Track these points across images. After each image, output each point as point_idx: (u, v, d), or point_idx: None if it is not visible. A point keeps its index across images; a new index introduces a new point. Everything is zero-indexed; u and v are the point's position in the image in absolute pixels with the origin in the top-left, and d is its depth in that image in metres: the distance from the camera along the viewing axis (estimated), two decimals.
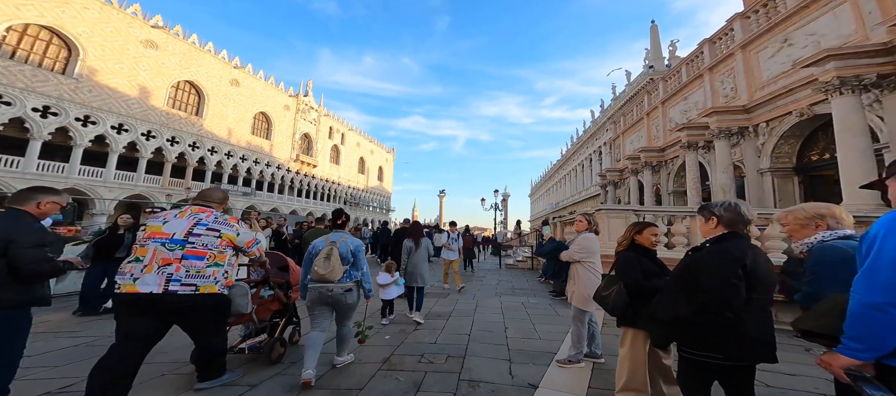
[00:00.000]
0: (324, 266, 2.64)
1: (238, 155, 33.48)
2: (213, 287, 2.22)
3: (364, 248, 3.14)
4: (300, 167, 40.60)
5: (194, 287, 2.14)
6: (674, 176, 9.45)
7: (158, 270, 2.09)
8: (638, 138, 11.95)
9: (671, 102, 9.41)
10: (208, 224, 2.30)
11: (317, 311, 2.77)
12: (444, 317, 4.54)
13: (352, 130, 51.52)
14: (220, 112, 32.05)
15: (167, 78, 27.86)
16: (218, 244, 2.28)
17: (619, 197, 14.03)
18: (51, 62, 21.97)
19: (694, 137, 7.74)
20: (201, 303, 2.19)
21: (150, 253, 2.13)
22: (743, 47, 7.26)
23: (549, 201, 48.28)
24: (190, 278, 2.15)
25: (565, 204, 36.61)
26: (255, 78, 35.67)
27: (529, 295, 6.37)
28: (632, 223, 2.19)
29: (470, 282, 7.86)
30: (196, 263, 2.18)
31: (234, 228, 2.39)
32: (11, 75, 19.85)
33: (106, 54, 24.04)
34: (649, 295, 1.69)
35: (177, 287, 2.10)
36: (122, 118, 24.78)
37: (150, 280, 2.07)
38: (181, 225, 2.25)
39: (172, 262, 2.13)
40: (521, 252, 16.40)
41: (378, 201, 58.40)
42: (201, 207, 2.41)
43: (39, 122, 20.70)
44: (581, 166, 33.58)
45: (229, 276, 2.37)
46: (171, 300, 2.09)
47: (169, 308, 2.12)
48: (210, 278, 2.21)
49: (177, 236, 2.20)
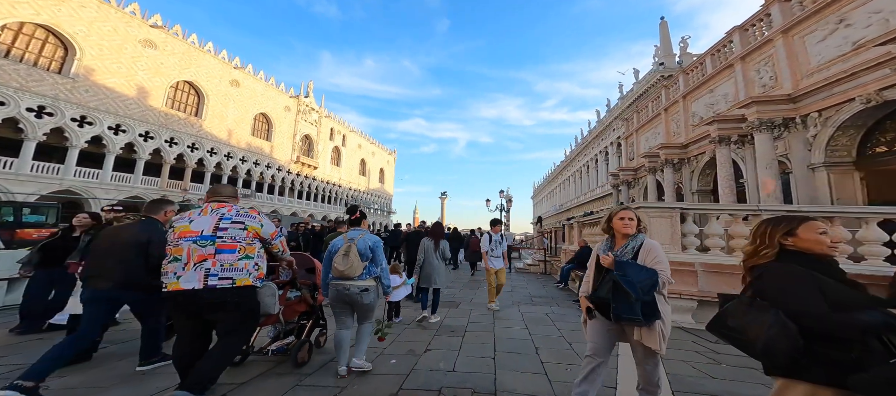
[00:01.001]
0: (343, 263, 2.67)
1: (238, 156, 33.01)
2: (248, 280, 2.24)
3: (382, 245, 3.02)
4: (301, 169, 40.12)
5: (231, 281, 2.17)
6: (698, 174, 8.80)
7: (196, 266, 2.13)
8: (654, 136, 11.30)
9: (694, 95, 8.77)
10: (231, 217, 2.30)
11: (338, 309, 2.82)
12: (458, 333, 3.88)
13: (353, 131, 51.08)
14: (220, 113, 31.62)
15: (166, 78, 27.46)
16: (245, 236, 2.29)
17: (632, 197, 13.36)
18: (47, 61, 21.56)
19: (726, 130, 7.08)
20: (240, 298, 2.21)
21: (185, 251, 2.17)
22: (784, 32, 6.61)
23: (552, 203, 47.61)
24: (225, 271, 2.18)
25: (570, 205, 35.94)
26: (255, 78, 35.27)
27: (551, 304, 5.75)
28: (768, 220, 1.46)
29: (479, 289, 7.23)
30: (228, 257, 2.20)
31: (256, 219, 2.39)
32: (5, 75, 19.42)
33: (103, 54, 23.63)
34: (845, 337, 1.04)
35: (215, 282, 2.14)
36: (119, 119, 24.33)
37: (191, 277, 2.12)
38: (207, 222, 2.26)
39: (207, 257, 2.16)
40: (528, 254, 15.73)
41: (379, 202, 57.85)
42: (220, 202, 2.41)
43: (34, 122, 20.25)
44: (586, 166, 32.94)
45: (260, 268, 2.37)
46: (211, 294, 2.12)
47: (210, 304, 2.15)
48: (243, 270, 2.23)
49: (205, 232, 2.22)
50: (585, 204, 30.05)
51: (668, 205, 4.70)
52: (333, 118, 46.55)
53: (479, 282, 8.31)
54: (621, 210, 2.17)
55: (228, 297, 2.17)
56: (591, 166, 31.11)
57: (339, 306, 2.80)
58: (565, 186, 40.79)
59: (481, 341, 3.65)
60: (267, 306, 2.52)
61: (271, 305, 2.57)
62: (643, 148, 11.86)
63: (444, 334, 3.84)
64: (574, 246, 8.74)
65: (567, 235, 10.39)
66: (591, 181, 31.11)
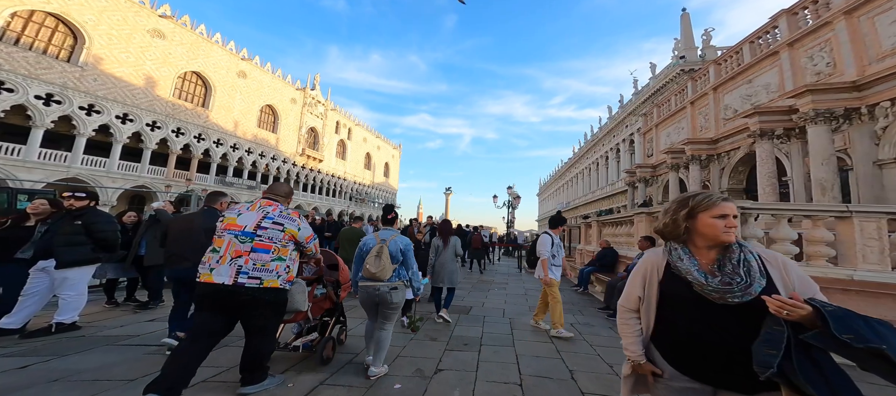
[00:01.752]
0: (375, 265, 2.64)
1: (244, 148, 32.91)
2: (276, 282, 2.25)
3: (413, 247, 3.03)
4: (306, 162, 39.96)
5: (259, 281, 2.18)
6: (729, 171, 8.14)
7: (230, 261, 2.15)
8: (676, 130, 10.61)
9: (727, 87, 8.06)
10: (274, 218, 2.32)
11: (368, 310, 2.83)
12: (472, 346, 3.40)
13: (359, 125, 50.75)
14: (227, 104, 31.48)
15: (174, 68, 27.35)
16: (281, 238, 2.30)
17: (649, 195, 12.70)
18: (56, 50, 21.51)
19: (769, 123, 6.41)
20: (265, 298, 2.22)
21: (225, 244, 2.20)
22: (847, 13, 5.90)
23: (558, 200, 46.88)
24: (256, 271, 2.18)
25: (578, 203, 35.24)
26: (262, 70, 35.05)
27: (573, 312, 5.21)
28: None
29: (491, 290, 6.76)
30: (262, 256, 2.21)
31: (296, 222, 2.40)
32: (14, 62, 19.38)
33: (112, 43, 23.54)
34: None
35: (245, 280, 2.14)
36: (126, 108, 24.29)
37: (224, 271, 2.13)
38: (252, 218, 2.29)
39: (242, 254, 2.18)
40: None
41: (384, 197, 57.62)
42: (269, 200, 2.43)
43: (42, 109, 20.23)
44: (596, 163, 32.17)
45: (291, 271, 2.38)
46: (239, 291, 2.13)
47: (237, 301, 2.17)
48: (273, 272, 2.24)
49: (248, 228, 2.24)
50: (594, 202, 29.34)
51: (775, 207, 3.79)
52: (339, 112, 46.24)
53: (488, 283, 7.92)
54: (720, 203, 1.25)
55: (255, 296, 2.18)
56: (601, 163, 30.35)
57: (369, 307, 2.81)
58: (573, 183, 40.03)
59: (501, 358, 3.18)
60: (297, 303, 2.52)
61: (301, 302, 2.56)
62: (664, 144, 11.18)
63: (457, 347, 3.37)
64: (592, 246, 8.21)
65: (583, 234, 9.84)
66: (600, 179, 30.37)
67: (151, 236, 4.01)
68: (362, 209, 48.40)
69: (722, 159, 8.34)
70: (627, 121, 24.79)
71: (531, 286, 7.97)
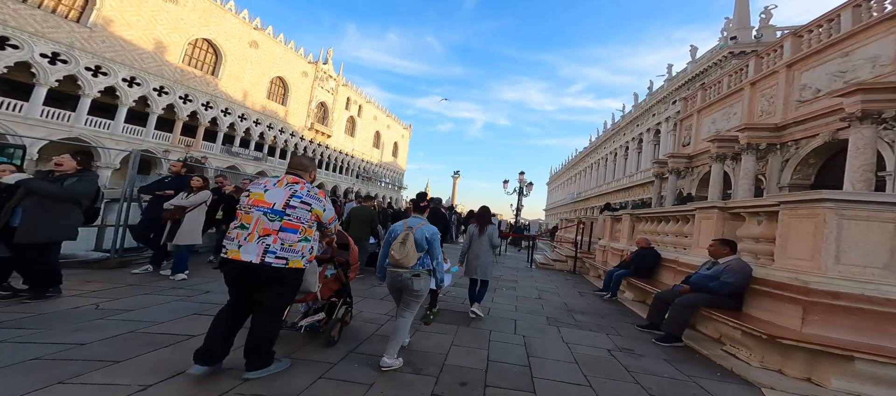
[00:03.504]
0: (399, 251, 2.64)
1: (252, 118, 32.36)
2: (300, 262, 2.20)
3: (439, 236, 2.96)
4: (314, 136, 39.31)
5: (285, 261, 2.13)
6: (795, 164, 6.78)
7: (259, 240, 2.09)
8: (725, 117, 9.19)
9: (808, 62, 6.58)
10: (302, 197, 2.24)
11: (394, 295, 2.83)
12: (477, 381, 2.43)
13: (369, 102, 49.60)
14: (237, 73, 30.76)
15: (184, 34, 26.63)
16: (309, 219, 2.25)
17: (680, 188, 11.39)
18: (66, 9, 20.92)
19: (875, 103, 5.06)
20: (287, 277, 2.19)
21: (253, 221, 2.12)
22: None
23: (569, 191, 45.37)
24: (284, 251, 2.13)
25: (590, 194, 33.77)
26: (274, 41, 34.03)
27: (605, 329, 4.04)
28: None
29: (497, 290, 5.75)
30: (290, 236, 2.16)
31: (322, 202, 2.33)
32: (21, 19, 18.85)
33: (123, 5, 22.88)
34: None
35: (272, 259, 2.09)
36: (134, 72, 23.78)
37: (251, 249, 2.07)
38: (280, 195, 2.20)
39: (271, 233, 2.12)
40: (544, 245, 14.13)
41: (391, 176, 57.00)
42: (295, 177, 2.33)
43: (47, 68, 19.80)
44: (613, 154, 30.48)
45: (314, 251, 2.35)
46: (265, 270, 2.09)
47: (260, 279, 2.12)
48: (299, 252, 2.18)
49: (277, 206, 2.16)
50: (611, 193, 27.88)
51: None
52: (350, 88, 45.10)
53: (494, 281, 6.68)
54: None
55: (279, 275, 2.13)
56: (620, 153, 28.68)
57: (394, 292, 2.82)
58: (587, 173, 38.40)
59: None
60: (309, 283, 2.50)
61: (313, 283, 2.55)
62: (707, 131, 9.77)
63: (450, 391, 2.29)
64: (620, 244, 7.10)
65: (607, 227, 8.74)
66: (618, 170, 28.77)
67: (32, 205, 3.01)
68: (369, 188, 47.86)
69: (786, 150, 6.98)
70: (655, 109, 23.01)
71: (545, 286, 6.85)
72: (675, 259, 4.56)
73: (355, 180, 46.76)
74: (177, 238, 4.22)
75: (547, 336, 3.68)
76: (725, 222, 3.92)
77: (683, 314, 3.45)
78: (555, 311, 4.83)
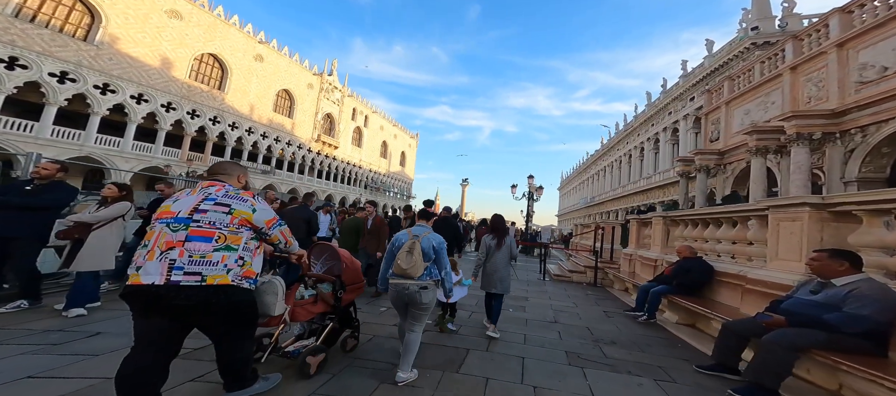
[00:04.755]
0: (406, 261, 2.53)
1: (259, 132, 32.40)
2: (225, 277, 1.72)
3: (446, 245, 2.84)
4: (321, 148, 39.24)
5: (199, 277, 1.66)
6: (864, 155, 5.88)
7: (160, 255, 1.65)
8: (761, 107, 8.33)
9: (864, 39, 5.74)
10: (217, 198, 1.83)
11: (399, 309, 2.72)
12: None
13: (375, 112, 49.60)
14: (243, 87, 30.93)
15: (190, 49, 26.87)
16: (228, 223, 1.79)
17: (711, 187, 10.49)
18: (72, 28, 21.20)
19: None
20: (213, 300, 1.68)
21: (154, 237, 1.71)
22: None
23: (582, 195, 44.26)
24: (194, 265, 1.66)
25: (605, 198, 32.71)
26: (279, 54, 34.28)
27: (655, 373, 2.99)
28: None
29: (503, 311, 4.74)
30: (200, 246, 1.70)
31: (248, 203, 1.89)
32: (29, 39, 19.11)
33: (129, 22, 23.13)
34: None
35: (179, 277, 1.63)
36: (142, 88, 23.95)
37: (151, 269, 1.62)
38: (189, 202, 1.80)
39: (175, 245, 1.67)
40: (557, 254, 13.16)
41: (399, 186, 56.64)
42: (212, 181, 1.96)
43: (56, 87, 19.98)
44: (628, 156, 29.51)
45: (247, 265, 1.82)
46: (175, 293, 1.61)
47: (176, 305, 1.63)
48: (219, 265, 1.71)
49: (181, 213, 1.75)
50: (627, 197, 26.85)
51: None
52: (356, 98, 45.17)
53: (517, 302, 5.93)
54: None
55: (196, 298, 1.63)
56: (635, 155, 27.73)
57: (399, 306, 2.68)
58: (600, 177, 37.37)
59: None
60: (266, 306, 2.12)
61: (271, 305, 2.16)
62: (740, 124, 8.94)
63: None
64: (653, 252, 6.28)
65: (634, 234, 7.94)
66: (632, 172, 27.77)
67: None
68: (377, 198, 47.50)
69: (849, 138, 6.10)
70: (672, 107, 22.14)
71: (562, 304, 5.79)
72: (739, 275, 3.64)
73: (363, 191, 46.48)
74: (76, 263, 3.34)
75: (569, 385, 2.69)
76: (823, 224, 2.89)
77: (783, 359, 2.37)
78: (577, 341, 3.85)
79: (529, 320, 4.76)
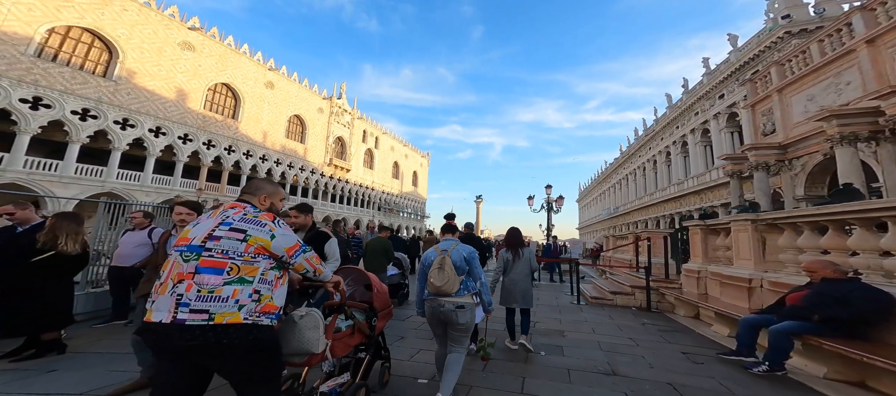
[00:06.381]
0: (439, 278, 2.47)
1: (273, 158, 32.51)
2: (237, 315, 1.45)
3: (478, 255, 2.73)
4: (334, 171, 39.19)
5: (207, 315, 1.41)
6: None
7: (171, 289, 1.45)
8: (827, 90, 7.23)
9: None
10: (233, 223, 1.58)
11: (436, 328, 2.63)
12: None
13: (386, 133, 49.76)
14: (255, 115, 31.31)
15: (204, 80, 27.42)
16: (243, 251, 1.53)
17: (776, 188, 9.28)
18: (92, 65, 21.81)
19: None
20: (223, 342, 1.41)
21: (169, 266, 1.53)
22: None
23: (604, 206, 42.56)
24: (201, 301, 1.42)
25: (631, 208, 31.11)
26: (289, 80, 34.86)
27: None
28: None
29: (529, 355, 3.73)
30: (210, 278, 1.46)
31: (266, 228, 1.62)
32: (51, 78, 19.62)
33: (144, 56, 23.75)
34: None
35: (185, 315, 1.39)
36: (159, 121, 24.31)
37: (163, 304, 1.43)
38: (206, 227, 1.58)
39: (184, 278, 1.46)
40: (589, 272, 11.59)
41: (412, 206, 56.01)
42: (237, 202, 1.75)
43: (78, 124, 20.33)
44: (651, 161, 28.12)
45: (265, 299, 1.55)
46: (180, 333, 1.38)
47: (184, 347, 1.40)
48: (229, 301, 1.45)
49: (195, 240, 1.53)
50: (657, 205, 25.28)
51: None
52: (366, 120, 45.45)
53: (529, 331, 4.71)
54: None
55: (203, 339, 1.38)
56: (660, 160, 26.35)
57: (435, 326, 2.60)
58: (622, 186, 35.82)
59: None
60: (309, 343, 1.83)
61: (314, 341, 1.85)
62: (804, 111, 7.84)
63: None
64: (743, 270, 5.05)
65: (699, 244, 6.78)
66: (660, 179, 26.30)
67: None
68: (391, 220, 46.86)
69: None
70: (697, 107, 20.98)
71: (615, 341, 4.41)
72: None
73: (376, 213, 45.99)
74: None
75: None
76: None
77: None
78: None
79: (573, 370, 3.35)
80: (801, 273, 3.84)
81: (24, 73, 18.53)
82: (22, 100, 18.49)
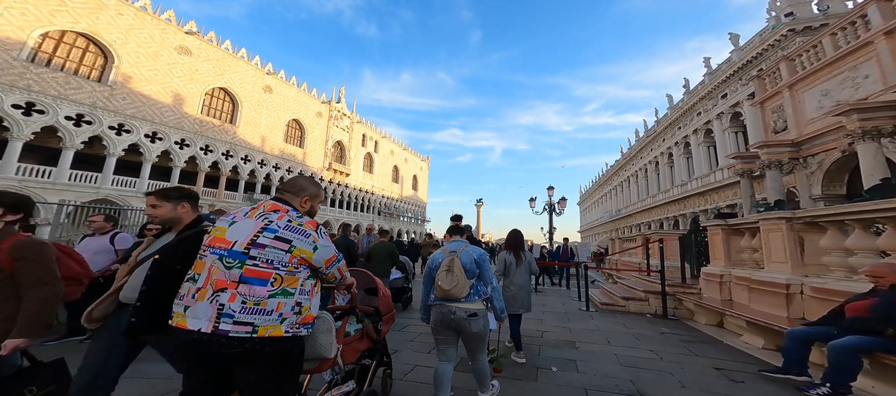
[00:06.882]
0: (447, 281, 2.33)
1: (271, 163, 32.13)
2: (279, 328, 1.39)
3: (487, 257, 2.59)
4: (333, 176, 38.82)
5: (251, 328, 1.35)
6: None
7: (211, 297, 1.37)
8: (846, 83, 6.97)
9: None
10: (278, 230, 1.50)
11: (441, 335, 2.46)
12: None
13: (385, 137, 49.50)
14: (254, 119, 30.97)
15: (201, 84, 27.08)
16: (287, 262, 1.47)
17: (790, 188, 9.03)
18: (87, 70, 21.42)
19: None
20: (261, 353, 1.38)
21: (206, 270, 1.43)
22: None
23: (605, 209, 42.37)
24: (246, 313, 1.35)
25: (633, 210, 30.91)
26: (287, 84, 34.58)
27: None
28: None
29: (540, 370, 3.47)
30: (256, 290, 1.39)
31: (310, 239, 1.56)
32: (45, 83, 19.24)
33: (140, 61, 23.40)
34: None
35: (228, 326, 1.33)
36: (155, 126, 23.92)
37: (201, 312, 1.36)
38: (246, 229, 1.48)
39: (227, 286, 1.38)
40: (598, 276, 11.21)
41: (413, 210, 55.65)
42: (278, 204, 1.63)
43: (72, 130, 19.92)
44: (653, 163, 27.96)
45: (305, 310, 1.51)
46: (221, 344, 1.34)
47: (221, 356, 1.39)
48: (273, 314, 1.39)
49: (238, 245, 1.44)
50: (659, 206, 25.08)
51: None
52: (365, 124, 45.20)
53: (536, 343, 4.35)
54: None
55: (242, 350, 1.35)
56: (662, 162, 26.19)
57: (442, 332, 2.43)
58: (624, 188, 35.64)
59: None
60: (321, 348, 1.73)
61: (327, 346, 1.74)
62: (818, 107, 7.62)
63: None
64: (778, 274, 4.69)
65: (720, 246, 6.51)
66: (663, 180, 26.12)
67: None
68: (391, 224, 46.47)
69: None
70: (700, 107, 20.84)
71: (634, 353, 4.08)
72: None
73: (376, 217, 45.59)
74: None
75: None
76: None
77: None
78: None
79: (591, 389, 2.99)
80: (851, 278, 3.54)
81: (16, 78, 18.14)
82: (14, 106, 18.08)
